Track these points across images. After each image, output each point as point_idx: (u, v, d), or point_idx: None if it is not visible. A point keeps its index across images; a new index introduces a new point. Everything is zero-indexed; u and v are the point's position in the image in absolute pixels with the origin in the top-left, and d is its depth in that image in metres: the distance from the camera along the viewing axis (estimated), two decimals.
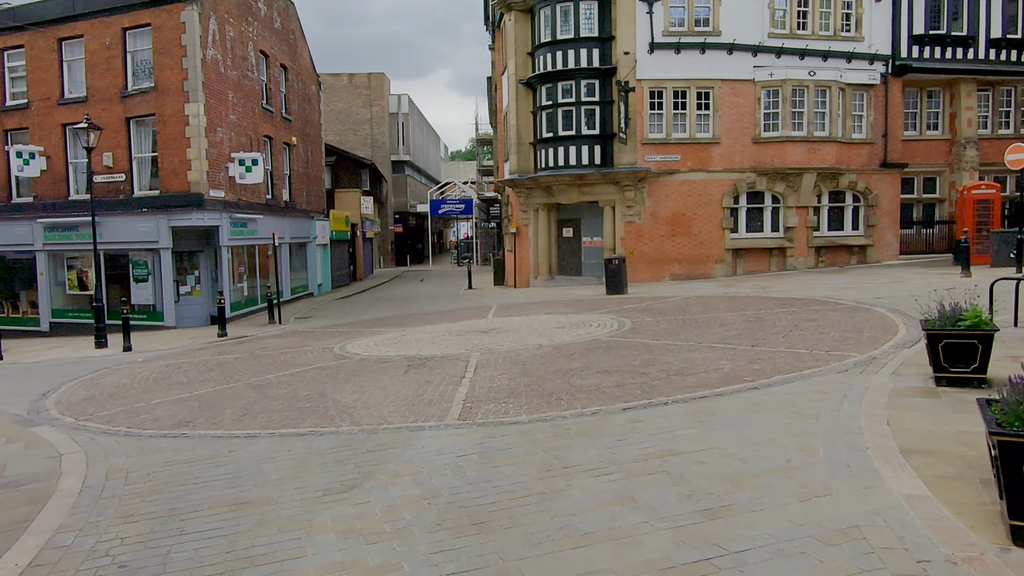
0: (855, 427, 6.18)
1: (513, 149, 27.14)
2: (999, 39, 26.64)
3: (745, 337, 11.37)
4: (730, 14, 24.53)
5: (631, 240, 24.92)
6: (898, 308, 13.44)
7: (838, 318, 12.59)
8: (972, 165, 27.32)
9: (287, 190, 27.66)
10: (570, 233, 27.11)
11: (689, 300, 17.63)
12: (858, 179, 26.03)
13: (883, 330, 11.13)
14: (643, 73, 24.38)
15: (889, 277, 20.43)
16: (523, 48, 26.69)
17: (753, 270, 25.60)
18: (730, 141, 25.02)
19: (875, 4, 25.63)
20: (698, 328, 12.68)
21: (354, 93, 56.97)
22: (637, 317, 14.87)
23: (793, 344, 10.45)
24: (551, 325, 14.56)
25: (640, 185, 24.71)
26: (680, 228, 25.06)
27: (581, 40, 24.84)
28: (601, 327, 13.73)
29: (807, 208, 25.62)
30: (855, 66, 25.56)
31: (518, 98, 26.82)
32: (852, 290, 17.50)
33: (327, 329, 18.45)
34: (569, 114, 25.06)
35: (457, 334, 14.31)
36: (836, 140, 25.20)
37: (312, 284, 30.75)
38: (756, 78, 24.85)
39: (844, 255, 26.40)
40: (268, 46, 25.71)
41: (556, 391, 8.59)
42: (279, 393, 9.86)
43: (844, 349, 9.84)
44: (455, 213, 59.56)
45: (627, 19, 24.28)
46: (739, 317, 13.62)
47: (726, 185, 25.10)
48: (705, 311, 15.03)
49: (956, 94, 27.45)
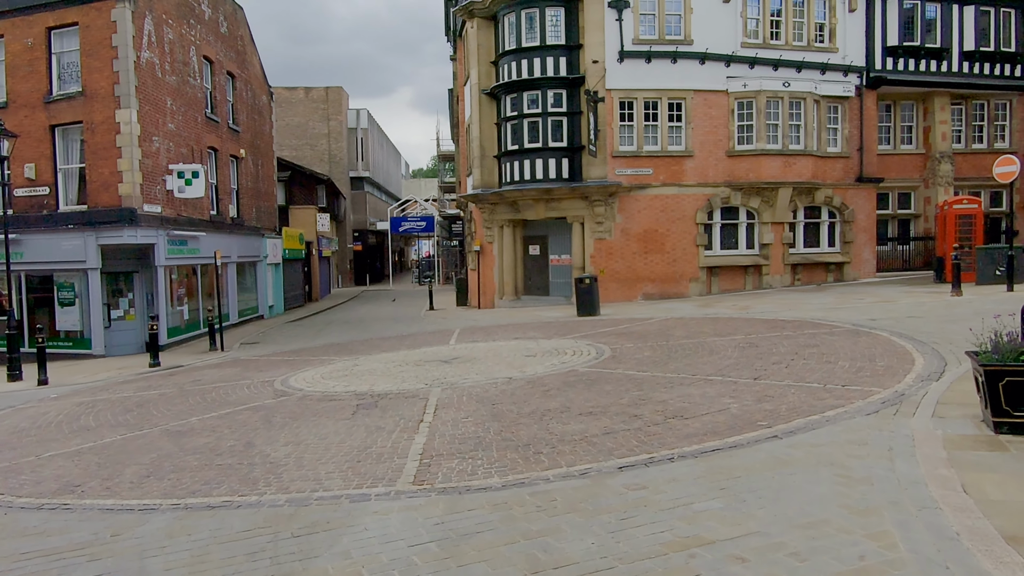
0: (926, 498, 4.79)
1: (476, 163, 25.74)
2: (972, 52, 26.11)
3: (743, 368, 10.01)
4: (702, 23, 23.54)
5: (601, 258, 23.62)
6: (901, 331, 12.25)
7: (841, 344, 11.33)
8: (947, 180, 26.67)
9: (234, 205, 25.84)
10: (537, 251, 25.74)
11: (668, 323, 16.31)
12: (834, 194, 25.15)
13: (897, 358, 9.86)
14: (613, 83, 23.21)
15: (875, 296, 19.39)
16: (486, 57, 25.38)
17: (728, 289, 24.47)
18: (703, 154, 23.94)
19: (849, 15, 24.89)
20: (687, 356, 11.30)
21: (311, 107, 55.21)
22: (616, 343, 13.46)
23: (801, 376, 9.11)
24: (521, 353, 13.08)
25: (610, 200, 23.46)
26: (652, 245, 23.84)
27: (547, 48, 23.61)
28: (577, 355, 12.29)
29: (783, 224, 24.62)
30: (829, 77, 24.74)
31: (481, 109, 25.47)
32: (841, 310, 16.35)
33: (273, 357, 16.71)
34: (535, 125, 23.76)
35: (416, 364, 12.73)
36: (812, 154, 24.28)
37: (262, 306, 28.86)
38: (729, 89, 23.85)
39: (820, 273, 25.44)
40: (213, 51, 23.99)
41: (534, 440, 7.09)
42: (199, 443, 8.19)
43: (862, 383, 8.52)
44: (416, 231, 58.00)
45: (595, 27, 23.13)
46: (729, 343, 12.29)
47: (700, 200, 23.98)
48: (689, 336, 13.69)
49: (930, 107, 26.84)
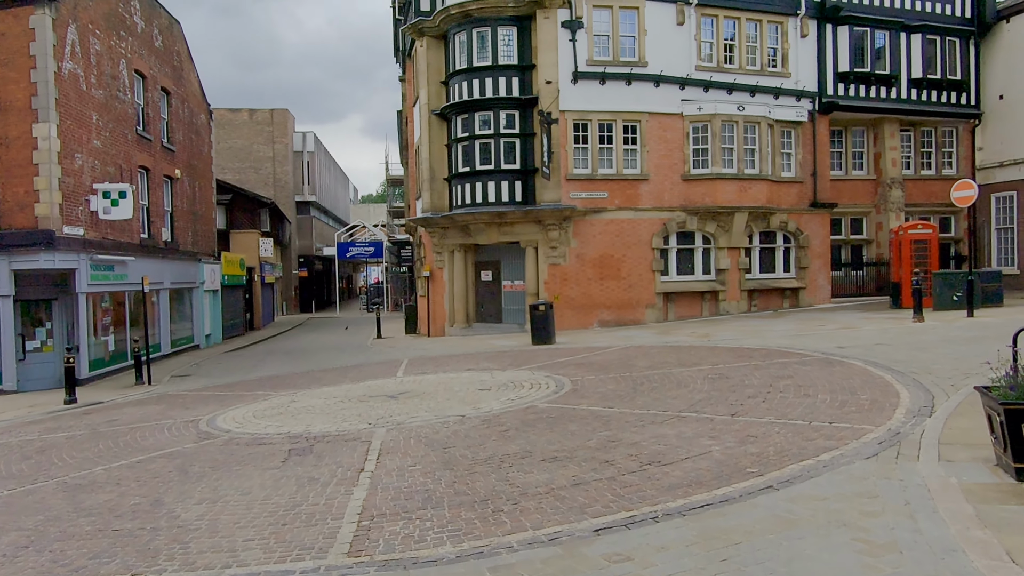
0: (970, 571, 3.96)
1: (426, 185, 24.81)
2: (920, 79, 26.36)
3: (717, 402, 9.20)
4: (656, 45, 23.17)
5: (556, 284, 22.83)
6: (874, 360, 11.65)
7: (816, 375, 10.64)
8: (898, 206, 26.73)
9: (168, 229, 24.35)
10: (489, 276, 24.84)
11: (629, 352, 15.51)
12: (788, 219, 24.90)
13: (880, 391, 9.18)
14: (567, 104, 22.61)
15: (835, 322, 18.96)
16: (436, 77, 24.58)
17: (685, 315, 23.90)
18: (659, 178, 23.45)
19: (800, 40, 24.85)
20: (654, 390, 10.47)
21: (255, 130, 53.70)
22: (575, 374, 12.57)
23: (782, 412, 8.33)
24: (474, 386, 12.08)
25: (565, 224, 22.74)
26: (608, 271, 23.16)
27: (499, 68, 22.93)
28: (535, 388, 11.35)
29: (739, 249, 24.23)
30: (783, 102, 24.61)
31: (431, 130, 24.60)
32: (805, 338, 15.79)
33: (203, 392, 15.36)
34: (487, 147, 22.97)
35: (359, 400, 11.62)
36: (766, 178, 24.02)
37: (198, 335, 27.25)
38: (684, 112, 23.48)
39: (776, 298, 25.09)
40: (146, 66, 22.64)
41: (492, 494, 6.11)
42: (98, 501, 6.98)
43: (849, 419, 7.78)
44: (364, 257, 56.61)
45: (549, 46, 22.54)
46: (697, 374, 11.51)
47: (655, 225, 23.44)
48: (653, 366, 12.89)
49: (880, 134, 26.94)
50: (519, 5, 22.51)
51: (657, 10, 23.15)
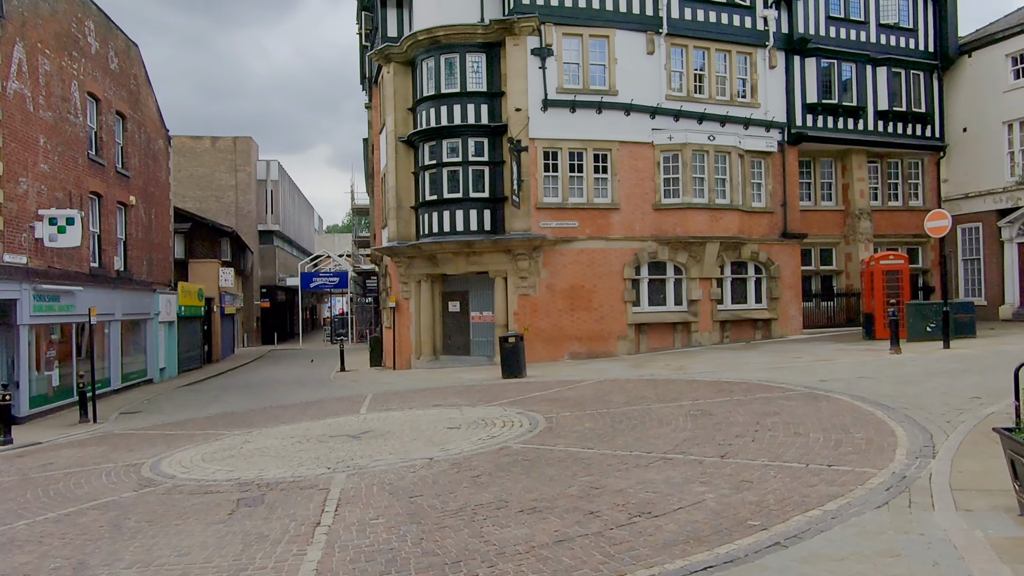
0: None
1: (392, 214, 24.15)
2: (886, 111, 26.53)
3: (703, 442, 8.61)
4: (626, 74, 22.95)
5: (526, 315, 22.22)
6: (861, 395, 11.18)
7: (803, 411, 10.12)
8: (866, 237, 26.71)
9: (121, 257, 23.29)
10: (457, 307, 24.15)
11: (603, 386, 14.90)
12: (760, 249, 24.68)
13: (874, 429, 8.67)
14: (536, 132, 22.22)
15: (811, 354, 18.60)
16: (403, 103, 24.07)
17: (657, 347, 23.42)
18: (630, 207, 23.09)
19: (769, 71, 24.88)
20: (634, 428, 9.85)
21: (218, 158, 52.66)
22: (550, 411, 11.91)
23: (776, 453, 7.76)
24: (442, 424, 11.35)
25: (535, 254, 22.21)
26: (579, 302, 22.63)
27: (468, 95, 22.50)
28: (508, 427, 10.66)
29: (711, 280, 23.90)
30: (753, 132, 24.52)
31: (398, 158, 24.02)
32: (784, 371, 15.35)
33: (151, 431, 14.37)
34: (455, 175, 22.44)
35: (318, 440, 10.81)
36: (738, 208, 23.81)
37: (152, 369, 26.04)
38: (655, 141, 23.23)
39: (749, 330, 24.77)
40: (100, 88, 21.77)
41: (465, 554, 5.40)
42: (12, 565, 6.10)
43: (848, 461, 7.24)
44: (329, 287, 55.49)
45: (518, 74, 22.19)
46: (678, 411, 10.93)
47: (627, 255, 23.03)
48: (631, 402, 12.28)
49: (848, 165, 27.00)
50: (488, 32, 22.17)
51: (627, 39, 22.98)
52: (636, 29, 23.07)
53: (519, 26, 21.87)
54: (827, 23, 25.64)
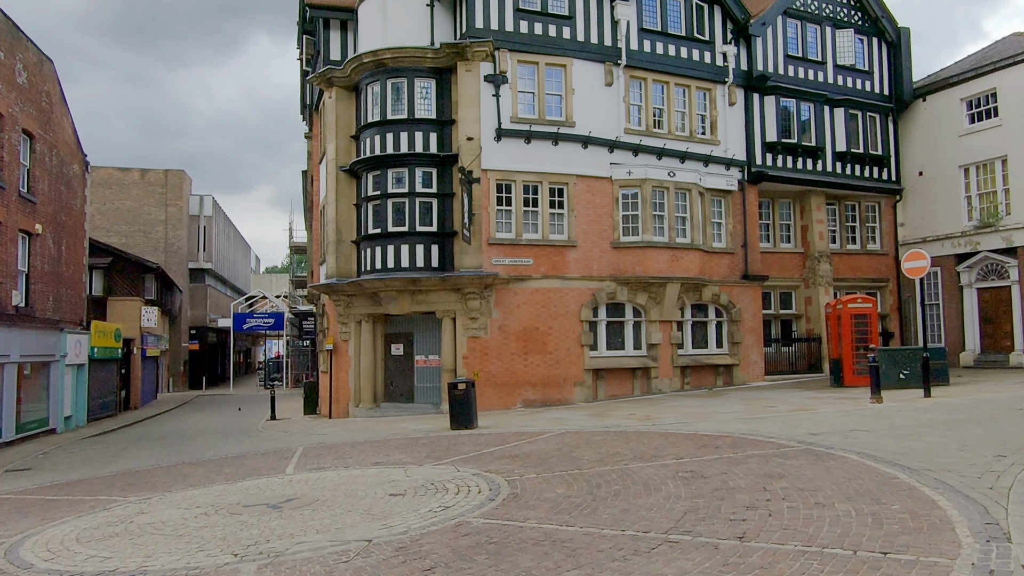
0: None
1: (331, 248, 22.30)
2: (844, 153, 26.07)
3: (710, 517, 6.99)
4: (584, 105, 21.84)
5: (476, 359, 20.49)
6: (867, 452, 9.77)
7: (812, 473, 8.61)
8: (826, 280, 25.93)
9: (22, 292, 20.77)
10: (400, 350, 22.27)
11: (567, 439, 13.22)
12: (721, 291, 23.59)
13: (908, 498, 7.21)
14: (489, 163, 20.80)
15: (784, 403, 17.32)
16: (346, 131, 22.45)
17: (616, 394, 21.91)
18: (587, 245, 21.76)
19: (729, 108, 24.13)
20: (617, 495, 8.17)
21: (147, 191, 49.94)
22: (511, 471, 10.15)
23: (807, 534, 6.18)
24: (384, 488, 9.48)
25: (486, 293, 20.59)
26: (533, 345, 21.03)
27: (416, 122, 21.01)
28: (464, 493, 8.86)
29: (671, 323, 22.63)
30: (713, 170, 23.64)
31: (339, 188, 22.28)
32: (763, 422, 13.95)
33: (32, 494, 12.04)
34: (401, 207, 20.79)
35: (229, 512, 8.80)
36: (699, 248, 22.72)
37: (56, 417, 23.28)
38: (613, 176, 22.07)
39: (710, 376, 23.51)
40: (3, 103, 19.52)
41: None
42: None
43: (904, 546, 5.71)
44: (263, 329, 52.77)
45: (470, 101, 20.83)
46: (663, 472, 9.32)
47: (584, 295, 21.60)
48: (603, 460, 10.62)
49: (807, 206, 26.33)
50: (439, 56, 20.82)
51: (585, 69, 21.92)
52: (594, 59, 22.04)
53: (472, 51, 20.59)
54: (786, 62, 25.15)
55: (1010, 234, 23.99)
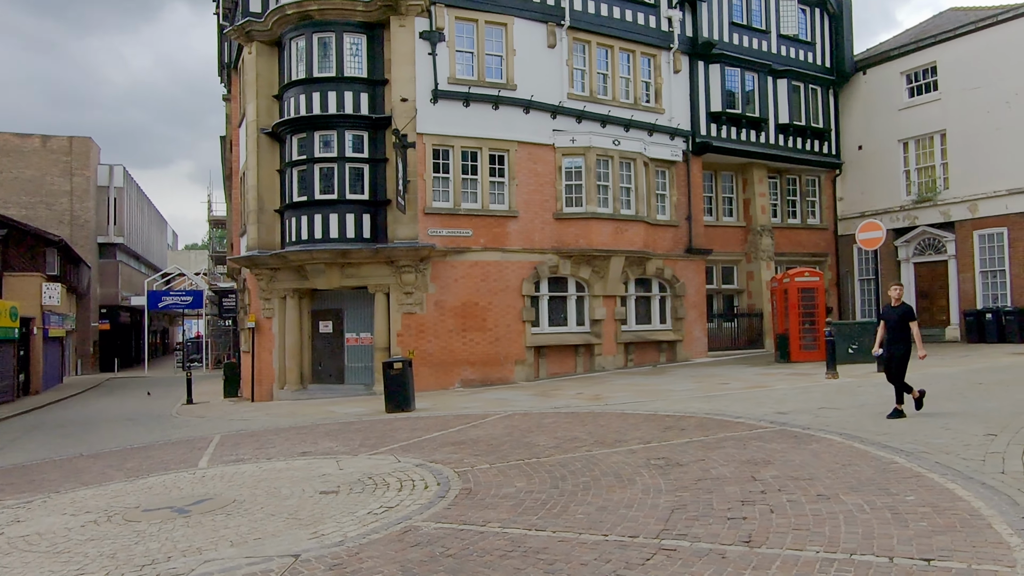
0: None
1: (252, 218, 20.53)
2: (786, 125, 25.62)
3: (702, 515, 5.99)
4: (526, 67, 20.61)
5: (411, 336, 19.18)
6: (849, 433, 9.01)
7: (800, 459, 7.74)
8: (768, 254, 25.55)
9: None
10: (329, 328, 20.75)
11: (515, 422, 12.12)
12: (665, 265, 22.87)
13: (920, 487, 6.38)
14: (425, 126, 19.38)
15: (736, 379, 16.66)
16: (268, 89, 20.63)
17: (558, 372, 20.97)
18: (529, 216, 20.63)
19: (674, 76, 23.28)
20: (586, 489, 7.10)
21: (49, 160, 46.27)
22: (459, 461, 8.98)
23: (825, 537, 5.23)
24: (314, 485, 8.17)
25: (422, 266, 19.26)
26: (472, 321, 19.85)
27: (346, 81, 19.39)
28: (408, 489, 7.64)
29: (614, 298, 21.78)
30: (657, 140, 22.79)
31: (260, 152, 20.49)
32: (721, 400, 13.17)
33: None
34: (330, 173, 19.20)
35: (125, 519, 7.34)
36: (643, 220, 21.90)
37: None
38: (556, 143, 20.96)
39: (653, 352, 22.81)
40: None
41: None
42: None
43: (943, 549, 4.83)
44: (181, 307, 50.01)
45: (405, 59, 19.32)
46: (632, 459, 8.30)
47: (525, 268, 20.50)
48: (561, 446, 9.55)
49: (749, 179, 25.81)
50: (370, 10, 19.22)
51: (527, 29, 20.66)
52: (536, 19, 20.80)
53: (406, 5, 19.07)
54: (730, 30, 24.44)
55: (948, 209, 24.01)
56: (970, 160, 23.43)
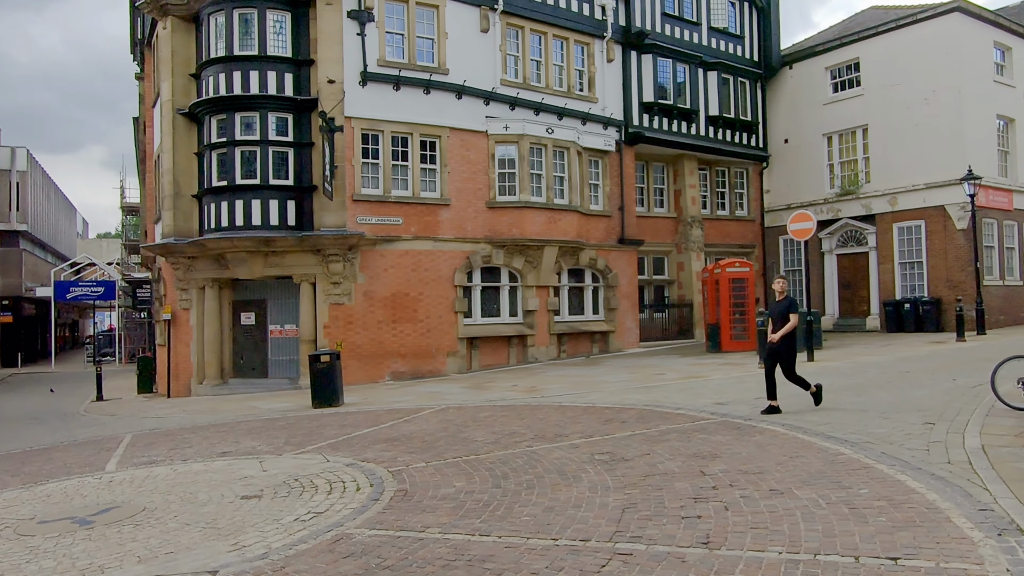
0: None
1: (167, 203, 19.39)
2: (716, 117, 25.79)
3: (655, 514, 5.68)
4: (458, 51, 20.07)
5: (338, 328, 18.46)
6: (789, 423, 8.92)
7: (747, 452, 7.56)
8: (698, 245, 25.74)
9: None
10: (251, 319, 19.81)
11: (450, 416, 11.67)
12: (598, 256, 22.74)
13: (871, 479, 6.25)
14: (354, 110, 18.63)
15: (671, 370, 16.61)
16: (184, 68, 19.47)
17: (491, 363, 20.60)
18: (461, 204, 20.15)
19: (607, 65, 23.12)
20: (530, 488, 6.72)
21: None
22: (394, 458, 8.48)
23: (786, 536, 4.99)
24: (234, 489, 7.54)
25: (350, 255, 18.55)
26: (403, 312, 19.26)
27: (269, 60, 18.47)
28: (339, 492, 7.11)
29: (548, 288, 21.53)
30: (590, 129, 22.60)
31: (176, 134, 19.33)
32: (659, 391, 13.02)
33: None
34: (252, 157, 18.27)
35: (17, 532, 6.57)
36: (577, 210, 21.69)
37: None
38: (489, 130, 20.52)
39: (586, 343, 22.68)
40: None
41: None
42: None
43: (908, 546, 4.65)
44: (92, 298, 47.28)
45: (332, 39, 18.51)
46: (576, 455, 7.97)
47: (458, 258, 20.02)
48: (500, 441, 9.16)
49: (680, 171, 25.93)
50: None
51: (459, 12, 20.12)
52: (469, 2, 20.34)
53: None
54: (663, 20, 24.42)
55: (869, 202, 24.66)
56: (890, 155, 24.09)
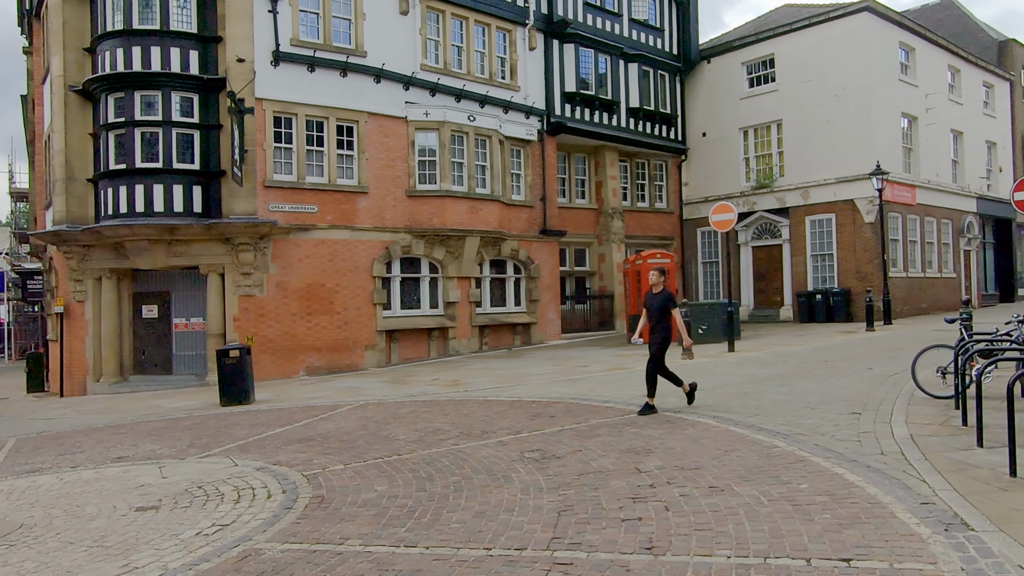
0: None
1: (59, 188, 17.94)
2: (637, 109, 25.87)
3: (593, 516, 5.35)
4: (376, 33, 19.34)
5: (249, 321, 17.51)
6: (719, 414, 8.80)
7: (681, 446, 7.34)
8: (619, 237, 25.79)
9: None
10: (154, 312, 18.61)
11: (369, 413, 11.10)
12: (520, 247, 22.44)
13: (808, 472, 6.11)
14: (265, 91, 17.67)
15: (595, 362, 16.47)
16: (77, 41, 18.05)
17: (411, 357, 20.03)
18: (380, 192, 19.46)
19: (529, 53, 22.81)
20: (460, 491, 6.29)
21: None
22: (309, 461, 7.89)
23: (733, 537, 4.73)
24: (128, 500, 6.81)
25: (262, 244, 17.61)
26: (319, 304, 18.45)
27: (173, 35, 17.31)
28: (247, 500, 6.49)
29: (469, 279, 21.09)
30: (512, 118, 22.25)
31: (68, 113, 17.89)
32: (584, 383, 12.80)
33: None
34: (154, 139, 17.08)
35: None
36: (499, 200, 21.32)
37: None
38: (409, 116, 19.89)
39: (508, 335, 22.38)
40: None
41: None
42: None
43: (856, 546, 4.47)
44: None
45: (241, 15, 17.49)
46: (505, 454, 7.58)
47: (376, 248, 19.34)
48: (424, 439, 8.68)
49: (601, 162, 25.89)
50: None
51: None
52: None
53: None
54: (585, 10, 24.27)
55: (783, 195, 25.23)
56: (803, 149, 24.70)
